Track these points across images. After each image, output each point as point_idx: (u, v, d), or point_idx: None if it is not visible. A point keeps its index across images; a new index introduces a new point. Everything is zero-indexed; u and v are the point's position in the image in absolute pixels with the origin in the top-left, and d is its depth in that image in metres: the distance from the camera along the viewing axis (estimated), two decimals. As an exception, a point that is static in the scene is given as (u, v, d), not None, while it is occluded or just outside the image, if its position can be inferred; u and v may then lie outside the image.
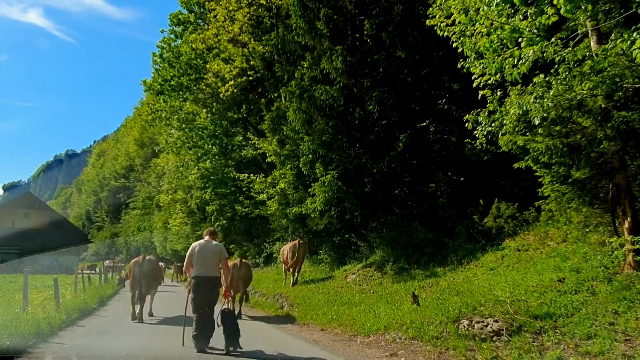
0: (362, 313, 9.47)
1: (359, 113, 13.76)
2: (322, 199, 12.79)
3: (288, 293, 13.60)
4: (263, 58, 16.77)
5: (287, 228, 18.55)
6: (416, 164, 13.18)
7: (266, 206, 18.27)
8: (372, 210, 14.28)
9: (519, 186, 11.14)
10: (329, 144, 13.38)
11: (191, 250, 7.65)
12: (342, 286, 12.79)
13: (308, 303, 11.91)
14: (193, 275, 7.51)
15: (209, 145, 25.05)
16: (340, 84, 13.68)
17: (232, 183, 24.43)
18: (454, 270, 10.63)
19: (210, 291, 7.49)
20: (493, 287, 7.98)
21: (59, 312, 10.03)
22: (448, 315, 7.16)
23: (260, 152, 18.94)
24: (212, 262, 7.57)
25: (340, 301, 11.27)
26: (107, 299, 17.11)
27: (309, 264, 17.61)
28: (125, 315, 11.82)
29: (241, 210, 22.23)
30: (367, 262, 13.42)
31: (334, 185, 12.59)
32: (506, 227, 10.60)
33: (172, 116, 24.83)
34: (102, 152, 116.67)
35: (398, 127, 13.31)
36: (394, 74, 13.83)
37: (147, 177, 66.52)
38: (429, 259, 11.83)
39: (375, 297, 10.76)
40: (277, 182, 16.78)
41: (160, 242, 51.81)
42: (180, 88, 24.40)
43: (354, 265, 13.97)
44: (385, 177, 13.62)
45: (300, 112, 13.61)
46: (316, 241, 16.98)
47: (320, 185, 12.70)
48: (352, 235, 14.75)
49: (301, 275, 16.37)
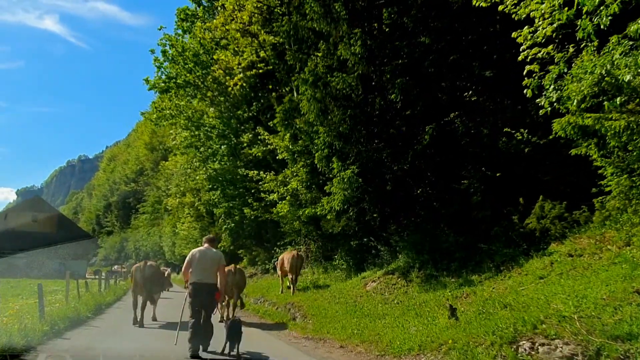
0: (389, 328, 8.15)
1: (379, 103, 12.46)
2: (340, 197, 11.48)
3: (301, 302, 12.29)
4: (274, 47, 15.61)
5: (300, 231, 17.29)
6: (443, 160, 11.82)
7: (276, 208, 17.01)
8: (393, 211, 12.95)
9: (565, 182, 9.76)
10: (346, 137, 12.09)
11: (191, 257, 7.91)
12: (361, 295, 11.45)
13: (324, 314, 10.60)
14: (191, 281, 7.78)
15: (217, 145, 23.90)
16: (358, 72, 12.41)
17: (241, 184, 23.24)
18: (492, 278, 9.24)
19: (208, 297, 7.76)
20: (550, 300, 6.60)
21: (41, 322, 8.82)
22: (501, 335, 5.80)
23: (270, 149, 17.70)
24: (211, 269, 7.84)
25: (361, 312, 9.94)
26: (107, 306, 15.91)
27: (322, 270, 16.30)
28: (120, 325, 11.10)
29: (250, 213, 21.00)
30: (388, 269, 12.08)
31: (354, 182, 11.27)
32: (552, 228, 9.20)
33: (179, 115, 23.71)
34: (113, 156, 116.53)
35: (423, 118, 11.99)
36: (417, 61, 12.52)
37: (157, 182, 65.74)
38: (461, 265, 10.45)
39: (401, 309, 9.41)
40: (289, 180, 15.52)
41: (169, 247, 50.81)
42: (187, 85, 23.29)
43: (374, 271, 12.62)
44: (408, 174, 12.29)
45: (315, 102, 12.34)
46: (330, 245, 15.69)
47: (338, 182, 11.40)
48: (371, 238, 13.42)
49: (314, 282, 15.12)
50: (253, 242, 25.24)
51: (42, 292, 9.50)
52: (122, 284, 28.00)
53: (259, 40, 18.55)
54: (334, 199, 11.75)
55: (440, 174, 11.94)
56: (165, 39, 22.37)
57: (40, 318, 9.09)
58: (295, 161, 15.51)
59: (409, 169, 12.24)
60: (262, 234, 23.68)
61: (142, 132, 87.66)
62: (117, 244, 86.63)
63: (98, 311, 13.75)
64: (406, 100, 12.00)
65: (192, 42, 23.16)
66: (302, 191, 14.76)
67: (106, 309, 15.29)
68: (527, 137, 9.94)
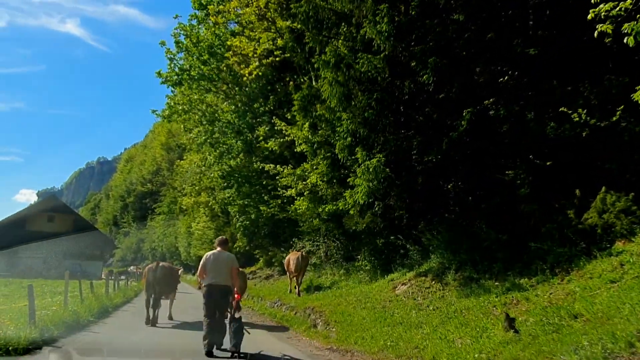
0: (429, 340, 6.93)
1: (408, 87, 11.22)
2: (365, 189, 10.25)
3: (322, 307, 11.09)
4: (292, 30, 14.48)
5: (319, 230, 16.10)
6: (482, 148, 10.52)
7: (294, 205, 15.85)
8: (423, 206, 11.69)
9: (632, 170, 8.41)
10: (372, 124, 10.87)
11: (205, 260, 8.25)
12: (390, 299, 10.21)
13: (349, 321, 9.40)
14: (206, 283, 8.12)
15: (231, 141, 22.86)
16: (385, 52, 11.18)
17: (257, 181, 22.17)
18: (545, 282, 7.93)
19: (222, 298, 8.07)
20: (637, 310, 5.32)
21: (30, 328, 7.80)
22: (586, 356, 4.54)
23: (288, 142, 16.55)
24: (225, 271, 8.11)
25: (392, 320, 8.72)
26: (114, 308, 14.95)
27: (343, 272, 15.08)
28: (123, 329, 10.59)
29: (266, 211, 19.89)
30: (419, 270, 10.81)
31: (380, 173, 10.03)
32: (618, 224, 7.86)
33: (192, 110, 22.71)
34: (130, 157, 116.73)
35: (459, 102, 10.71)
36: (450, 40, 11.28)
37: (173, 182, 65.25)
38: (505, 266, 9.14)
39: (439, 316, 8.16)
40: (308, 175, 14.34)
41: (184, 247, 50.05)
42: (201, 78, 22.29)
43: (403, 273, 11.37)
44: (441, 164, 11.02)
45: (337, 85, 11.14)
46: (352, 245, 14.47)
47: (363, 172, 10.17)
48: (398, 236, 12.17)
49: (337, 284, 13.97)
50: (269, 242, 24.14)
51: (32, 294, 8.50)
52: (133, 285, 27.21)
53: (275, 26, 17.45)
54: (358, 191, 10.52)
55: (478, 165, 10.63)
56: (179, 28, 21.41)
57: (29, 323, 8.06)
58: (315, 154, 14.32)
59: (442, 159, 10.97)
60: (278, 233, 22.55)
61: (159, 132, 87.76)
62: (134, 245, 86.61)
63: (103, 314, 12.76)
64: (439, 82, 10.73)
65: (207, 33, 22.15)
66: (322, 186, 13.56)
67: (113, 311, 14.33)
68: (584, 119, 8.60)
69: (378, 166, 10.10)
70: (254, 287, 21.44)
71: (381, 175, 10.17)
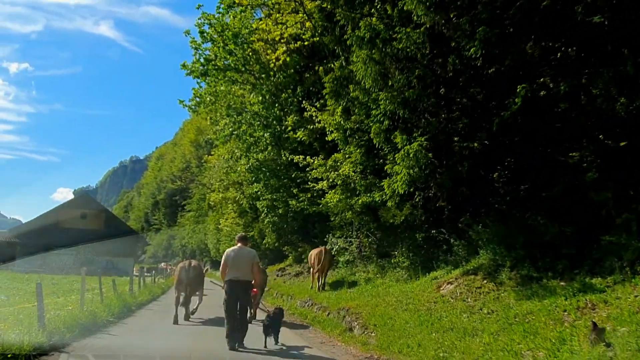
0: (490, 351, 5.82)
1: (452, 63, 10.00)
2: (405, 177, 9.14)
3: (359, 308, 10.05)
4: (321, 9, 13.45)
5: (352, 224, 15.03)
6: (538, 129, 9.25)
7: (325, 199, 14.84)
8: (470, 196, 10.49)
9: None
10: (413, 104, 9.73)
11: (226, 256, 8.31)
12: (435, 300, 9.09)
13: (390, 325, 8.35)
14: (227, 278, 8.18)
15: (259, 133, 22.04)
16: (426, 25, 10.03)
17: (285, 175, 21.28)
18: (625, 282, 6.69)
19: (243, 293, 8.23)
20: None
21: (37, 332, 7.04)
22: None
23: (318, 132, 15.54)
24: (246, 266, 8.22)
25: (440, 325, 7.61)
26: (138, 307, 14.30)
27: (378, 269, 13.98)
28: (144, 331, 10.10)
29: (295, 205, 18.96)
30: (467, 268, 9.65)
31: (421, 158, 8.91)
32: None
33: (218, 101, 21.94)
34: (160, 155, 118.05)
35: (511, 78, 9.47)
36: (497, 10, 10.03)
37: (202, 179, 65.27)
38: (572, 263, 7.90)
39: (497, 322, 7.01)
40: (340, 165, 13.30)
41: (213, 244, 49.71)
42: (227, 68, 21.50)
43: (447, 271, 10.21)
44: (490, 148, 9.81)
45: (372, 64, 10.05)
46: (388, 240, 13.38)
47: (402, 158, 9.06)
48: (441, 230, 11.01)
49: (372, 282, 12.92)
50: (299, 238, 23.22)
51: (41, 293, 7.73)
52: (160, 282, 26.79)
53: (304, 7, 16.43)
54: (397, 180, 9.41)
55: (534, 147, 9.38)
56: (203, 17, 20.65)
57: (38, 326, 7.31)
58: (347, 142, 13.27)
59: (491, 143, 9.77)
60: (308, 228, 21.62)
61: (188, 130, 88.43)
62: (164, 242, 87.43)
63: (125, 314, 12.08)
64: (489, 56, 9.48)
65: (233, 21, 21.32)
66: (355, 177, 12.49)
67: (137, 310, 13.68)
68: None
69: (419, 151, 8.99)
70: (283, 285, 20.57)
71: (422, 162, 9.04)
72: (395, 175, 9.72)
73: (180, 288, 11.45)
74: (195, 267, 12.13)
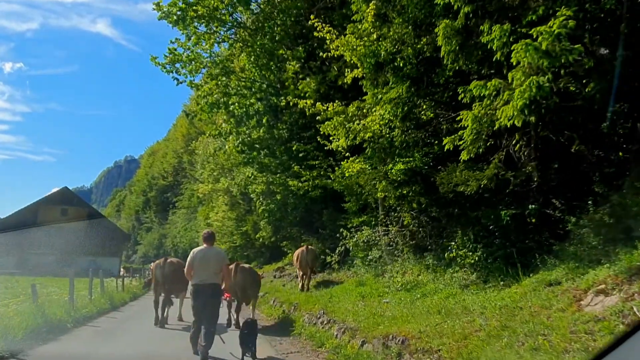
0: None
1: None
2: (527, 91, 4.71)
3: (426, 339, 5.52)
4: None
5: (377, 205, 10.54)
6: None
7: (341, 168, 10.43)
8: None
9: None
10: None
11: (192, 258, 7.38)
12: (582, 322, 4.61)
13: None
14: (193, 283, 7.45)
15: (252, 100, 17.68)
16: None
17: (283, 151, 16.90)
18: None
19: (211, 299, 7.25)
20: None
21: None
22: None
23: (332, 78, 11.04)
24: (213, 269, 7.32)
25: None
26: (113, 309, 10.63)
27: (422, 268, 9.56)
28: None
29: (297, 186, 14.57)
30: (626, 265, 5.19)
31: (567, 47, 4.49)
32: None
33: (199, 58, 17.45)
34: (153, 152, 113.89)
35: None
36: None
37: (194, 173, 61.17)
38: None
39: None
40: (369, 112, 8.84)
41: (204, 242, 45.40)
42: (211, 18, 17.04)
43: (586, 272, 5.72)
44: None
45: None
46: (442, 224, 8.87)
47: (526, 49, 4.62)
48: (553, 201, 6.52)
49: (419, 288, 8.42)
50: (301, 230, 18.70)
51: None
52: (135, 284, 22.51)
53: None
54: (511, 98, 4.97)
55: None
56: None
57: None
58: (377, 83, 8.84)
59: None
60: (313, 218, 17.19)
61: (181, 125, 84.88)
62: (156, 241, 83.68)
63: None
64: None
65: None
66: (396, 123, 7.99)
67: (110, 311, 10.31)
68: None
69: (561, 32, 4.53)
70: (282, 290, 16.01)
71: (566, 57, 4.58)
72: (500, 94, 5.26)
73: (157, 288, 10.83)
74: (171, 263, 11.06)
